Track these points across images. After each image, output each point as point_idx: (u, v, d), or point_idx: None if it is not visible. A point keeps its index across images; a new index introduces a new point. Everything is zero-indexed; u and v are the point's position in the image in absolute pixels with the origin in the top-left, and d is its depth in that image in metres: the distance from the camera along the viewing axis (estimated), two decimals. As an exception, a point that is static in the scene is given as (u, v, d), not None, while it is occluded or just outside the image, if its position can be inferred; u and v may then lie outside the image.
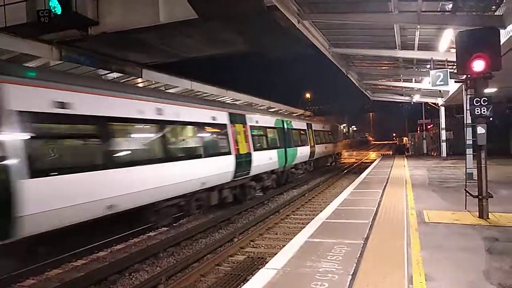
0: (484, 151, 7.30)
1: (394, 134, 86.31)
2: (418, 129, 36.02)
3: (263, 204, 14.90)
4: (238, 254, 8.80)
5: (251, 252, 8.97)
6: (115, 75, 11.98)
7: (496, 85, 15.07)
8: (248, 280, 5.22)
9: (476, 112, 7.11)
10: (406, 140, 42.69)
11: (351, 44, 15.44)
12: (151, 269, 8.07)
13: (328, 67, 20.93)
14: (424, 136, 32.19)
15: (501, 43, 7.25)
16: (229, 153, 12.48)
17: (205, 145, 11.48)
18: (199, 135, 11.39)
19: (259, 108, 20.63)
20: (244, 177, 13.66)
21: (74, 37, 12.80)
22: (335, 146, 31.04)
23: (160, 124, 9.46)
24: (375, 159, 29.99)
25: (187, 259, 8.35)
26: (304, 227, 7.43)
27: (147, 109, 8.99)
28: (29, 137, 6.35)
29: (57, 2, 10.69)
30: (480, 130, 7.20)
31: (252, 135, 14.37)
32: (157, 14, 12.32)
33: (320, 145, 25.19)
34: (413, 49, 14.31)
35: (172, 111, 9.85)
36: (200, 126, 11.37)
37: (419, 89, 24.11)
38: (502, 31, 8.15)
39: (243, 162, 13.29)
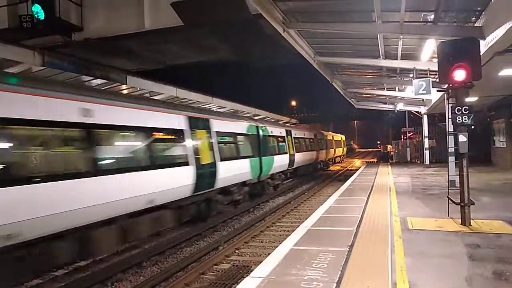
0: (466, 159, 7.43)
1: (378, 142, 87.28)
2: (402, 137, 36.49)
3: (248, 212, 14.85)
4: (223, 263, 8.73)
5: (236, 260, 8.91)
6: (99, 81, 11.85)
7: (477, 94, 15.40)
8: (233, 289, 5.17)
9: (457, 121, 7.23)
10: (390, 148, 43.18)
11: (335, 53, 15.58)
12: (134, 278, 7.95)
13: (313, 75, 20.95)
14: (407, 144, 32.63)
15: (481, 53, 7.42)
16: (312, 151, 27.68)
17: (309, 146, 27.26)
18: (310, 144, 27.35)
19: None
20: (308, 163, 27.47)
21: (57, 43, 12.63)
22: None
23: (299, 140, 23.97)
24: (360, 167, 30.24)
25: (171, 268, 8.24)
26: (290, 234, 7.42)
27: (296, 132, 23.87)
28: None
29: (40, 8, 10.54)
30: (462, 138, 7.33)
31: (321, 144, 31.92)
32: (142, 21, 12.26)
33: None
34: (397, 59, 14.52)
35: (298, 133, 24.69)
36: (311, 139, 27.72)
37: (403, 97, 24.45)
38: (482, 42, 8.34)
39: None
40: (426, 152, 26.15)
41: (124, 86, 12.92)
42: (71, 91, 7.36)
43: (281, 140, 20.51)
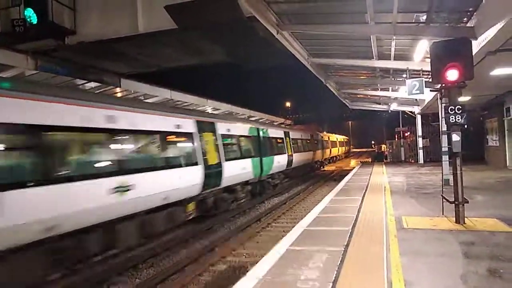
0: (459, 157, 7.49)
1: (373, 142, 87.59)
2: (396, 136, 36.68)
3: (244, 213, 14.85)
4: (220, 264, 8.73)
5: (232, 261, 8.91)
6: (92, 84, 11.82)
7: (469, 94, 15.55)
8: (230, 290, 5.18)
9: (451, 120, 7.30)
10: (384, 147, 43.34)
11: (329, 54, 15.66)
12: (130, 281, 7.92)
13: (308, 76, 20.83)
14: (401, 144, 32.81)
15: (473, 53, 7.50)
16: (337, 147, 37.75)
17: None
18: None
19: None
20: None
21: (50, 47, 12.58)
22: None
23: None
24: (355, 167, 30.33)
25: (167, 270, 8.23)
26: (285, 235, 7.44)
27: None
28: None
29: (32, 12, 10.50)
30: (455, 137, 7.40)
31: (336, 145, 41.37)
32: (135, 24, 12.24)
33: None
34: (390, 59, 14.62)
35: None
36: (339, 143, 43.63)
37: (396, 97, 24.61)
38: (474, 42, 8.43)
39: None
40: (420, 152, 26.33)
41: (118, 89, 12.89)
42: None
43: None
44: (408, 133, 34.09)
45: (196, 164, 11.29)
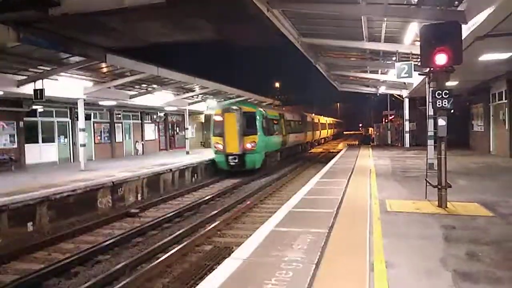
0: (444, 142, 7.53)
1: (360, 125, 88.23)
2: (383, 120, 36.91)
3: (230, 193, 14.88)
4: (205, 244, 8.75)
5: (218, 242, 8.95)
6: (77, 59, 11.52)
7: (457, 79, 15.61)
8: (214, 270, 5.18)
9: (437, 105, 7.29)
10: (371, 130, 43.66)
11: (319, 35, 15.50)
12: (115, 259, 7.91)
13: (297, 57, 20.75)
14: (388, 127, 33.04)
15: (462, 38, 7.46)
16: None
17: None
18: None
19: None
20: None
21: (33, 18, 12.11)
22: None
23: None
24: (342, 149, 30.55)
25: (152, 250, 8.22)
26: (271, 216, 7.47)
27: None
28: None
29: (14, -20, 10.07)
30: (441, 122, 7.41)
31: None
32: (122, -3, 11.87)
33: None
34: (380, 41, 14.55)
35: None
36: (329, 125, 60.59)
37: (385, 80, 24.65)
38: (463, 26, 8.39)
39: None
40: (406, 135, 26.58)
41: (103, 64, 12.58)
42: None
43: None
44: (393, 116, 34.30)
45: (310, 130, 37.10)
